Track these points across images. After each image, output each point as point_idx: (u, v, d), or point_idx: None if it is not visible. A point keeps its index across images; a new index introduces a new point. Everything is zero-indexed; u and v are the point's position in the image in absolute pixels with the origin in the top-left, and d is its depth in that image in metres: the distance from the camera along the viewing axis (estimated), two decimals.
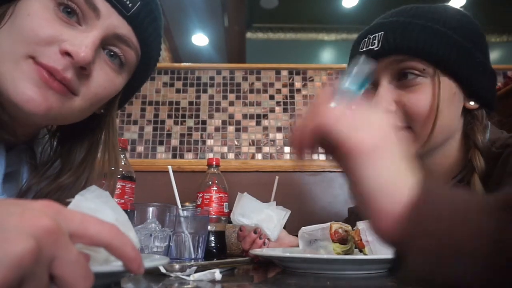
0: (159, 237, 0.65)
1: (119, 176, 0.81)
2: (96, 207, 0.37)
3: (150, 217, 0.66)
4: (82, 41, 0.49)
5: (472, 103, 0.61)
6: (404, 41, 0.57)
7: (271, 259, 0.65)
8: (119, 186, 0.81)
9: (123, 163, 0.84)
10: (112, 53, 0.54)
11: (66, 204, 0.33)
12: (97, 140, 0.61)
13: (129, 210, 0.78)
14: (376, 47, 0.59)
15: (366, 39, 0.63)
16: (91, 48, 0.49)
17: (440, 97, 0.57)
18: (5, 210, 0.24)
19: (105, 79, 0.54)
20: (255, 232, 0.79)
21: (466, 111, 0.62)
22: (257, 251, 0.68)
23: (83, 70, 0.50)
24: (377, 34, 0.60)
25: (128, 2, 0.52)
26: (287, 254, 0.64)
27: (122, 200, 0.81)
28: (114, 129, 0.62)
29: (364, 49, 0.62)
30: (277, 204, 0.88)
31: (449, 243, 0.27)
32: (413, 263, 0.29)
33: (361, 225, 0.61)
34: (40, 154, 0.61)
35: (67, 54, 0.48)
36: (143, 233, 0.64)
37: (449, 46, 0.57)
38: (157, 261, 0.43)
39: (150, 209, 0.67)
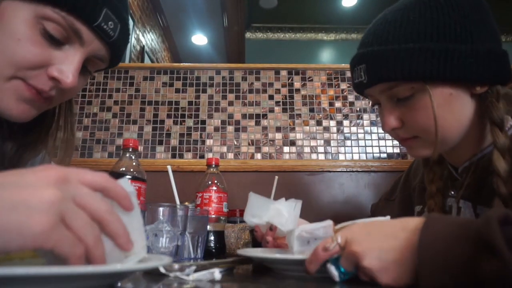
0: (168, 238, 0.65)
1: (129, 177, 0.81)
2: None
3: (161, 217, 0.66)
4: (68, 68, 0.54)
5: (478, 88, 0.61)
6: (384, 72, 0.60)
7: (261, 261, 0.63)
8: (136, 187, 0.80)
9: (134, 164, 0.84)
10: (85, 68, 0.60)
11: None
12: (55, 116, 0.67)
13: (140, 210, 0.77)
14: (364, 80, 0.64)
15: (356, 70, 0.66)
16: (75, 74, 0.55)
17: (434, 106, 0.59)
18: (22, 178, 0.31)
19: (77, 88, 0.61)
20: (270, 228, 0.77)
21: (477, 94, 0.62)
22: (243, 252, 0.66)
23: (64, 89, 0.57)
24: (361, 66, 0.63)
25: (110, 32, 0.57)
26: (278, 256, 0.60)
27: (138, 201, 0.80)
28: (71, 105, 0.69)
29: (356, 81, 0.66)
30: None
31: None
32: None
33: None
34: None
35: (54, 78, 0.53)
36: (152, 233, 0.64)
37: (426, 60, 0.58)
38: (157, 261, 0.43)
39: (161, 209, 0.67)
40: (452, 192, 0.70)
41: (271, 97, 1.67)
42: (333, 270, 0.45)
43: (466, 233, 0.35)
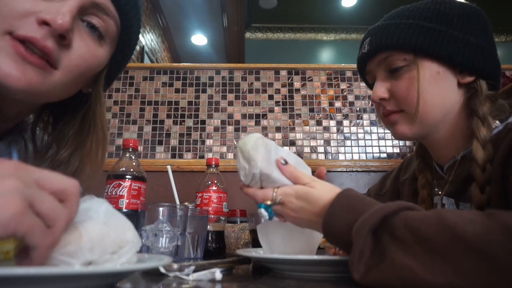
0: (168, 238, 0.65)
1: (129, 177, 0.80)
2: (87, 212, 0.37)
3: (161, 217, 0.66)
4: (59, 9, 0.49)
5: (466, 77, 0.65)
6: (383, 40, 0.68)
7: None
8: (135, 188, 0.80)
9: (134, 164, 0.84)
10: (91, 24, 0.54)
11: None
12: (87, 117, 0.62)
13: (139, 210, 0.77)
14: (365, 51, 0.71)
15: (363, 44, 0.73)
16: (69, 15, 0.49)
17: (420, 79, 0.64)
18: None
19: (85, 51, 0.53)
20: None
21: (464, 85, 0.66)
22: (242, 252, 0.65)
23: (62, 40, 0.50)
24: (367, 40, 0.71)
25: None
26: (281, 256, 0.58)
27: (138, 201, 0.80)
28: (101, 106, 0.63)
29: (360, 54, 0.73)
30: None
31: None
32: None
33: None
34: (33, 140, 0.63)
35: (44, 23, 0.48)
36: (152, 233, 0.64)
37: (420, 33, 0.65)
38: (156, 261, 0.43)
39: (161, 209, 0.67)
40: (437, 189, 0.73)
41: (271, 97, 1.67)
42: (263, 212, 0.56)
43: (350, 224, 0.45)
